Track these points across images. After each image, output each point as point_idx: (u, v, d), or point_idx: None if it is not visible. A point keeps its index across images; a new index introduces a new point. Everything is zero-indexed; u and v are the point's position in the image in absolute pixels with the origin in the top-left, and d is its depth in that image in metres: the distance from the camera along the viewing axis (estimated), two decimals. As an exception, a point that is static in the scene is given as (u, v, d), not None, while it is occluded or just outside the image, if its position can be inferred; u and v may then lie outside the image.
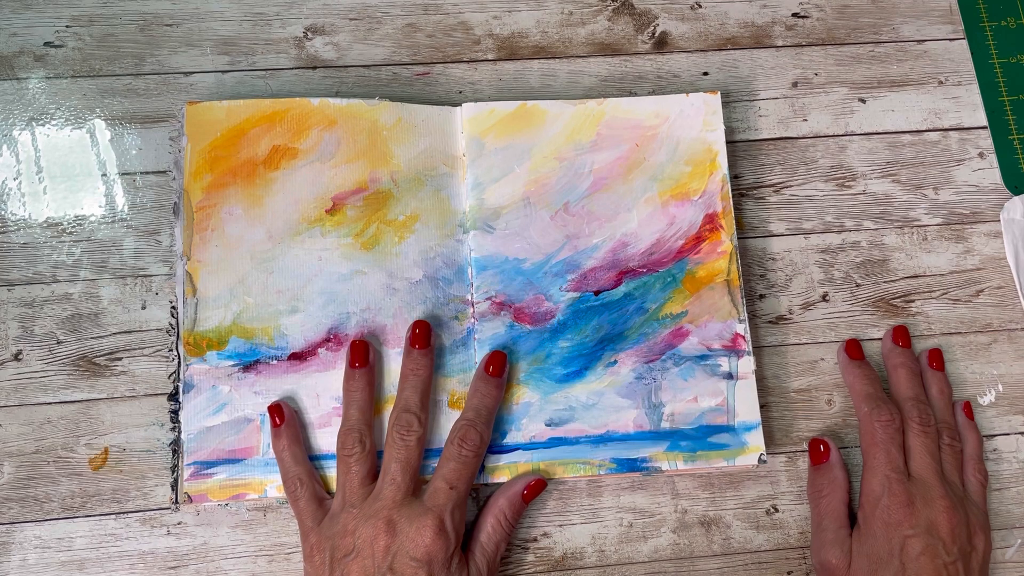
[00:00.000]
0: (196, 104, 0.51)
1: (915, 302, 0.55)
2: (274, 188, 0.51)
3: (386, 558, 0.43)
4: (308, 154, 0.52)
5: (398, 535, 0.44)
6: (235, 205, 0.51)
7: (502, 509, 0.47)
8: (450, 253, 0.51)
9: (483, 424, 0.47)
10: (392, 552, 0.43)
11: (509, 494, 0.47)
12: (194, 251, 0.50)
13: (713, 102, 0.54)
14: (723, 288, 0.51)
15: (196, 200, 0.50)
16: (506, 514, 0.47)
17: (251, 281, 0.50)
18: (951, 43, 0.60)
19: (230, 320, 0.49)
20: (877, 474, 0.48)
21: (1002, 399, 0.53)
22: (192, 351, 0.49)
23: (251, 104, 0.52)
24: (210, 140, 0.51)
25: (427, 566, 0.43)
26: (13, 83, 0.54)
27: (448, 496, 0.45)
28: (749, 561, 0.50)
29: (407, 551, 0.43)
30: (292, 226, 0.51)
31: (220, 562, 0.48)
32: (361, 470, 0.46)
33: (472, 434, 0.46)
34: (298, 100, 0.52)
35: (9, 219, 0.52)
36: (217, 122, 0.51)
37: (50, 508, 0.48)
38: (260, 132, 0.52)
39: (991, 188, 0.57)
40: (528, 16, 0.58)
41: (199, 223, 0.50)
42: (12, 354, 0.50)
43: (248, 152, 0.51)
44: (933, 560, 0.45)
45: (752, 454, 0.49)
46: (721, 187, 0.53)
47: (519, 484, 0.48)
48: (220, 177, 0.51)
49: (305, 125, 0.52)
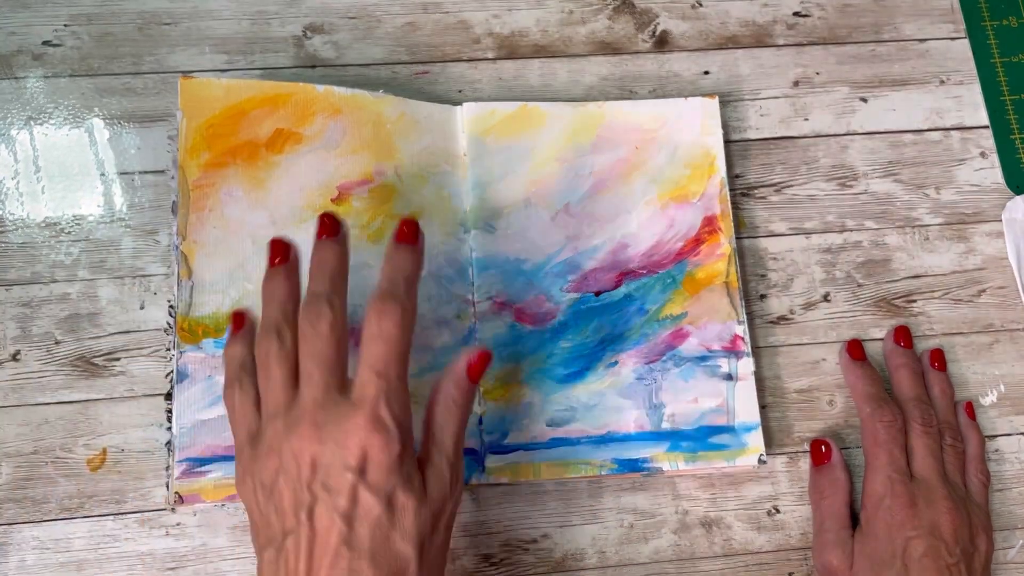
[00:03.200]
0: (191, 78, 0.50)
1: (917, 302, 0.54)
2: (277, 172, 0.50)
3: (315, 473, 0.36)
4: (313, 140, 0.51)
5: (325, 442, 0.36)
6: (235, 186, 0.49)
7: (449, 394, 0.40)
8: (452, 252, 0.51)
9: (402, 293, 0.39)
10: (323, 465, 0.36)
11: (453, 375, 0.40)
12: (190, 231, 0.48)
13: (711, 106, 0.54)
14: (722, 290, 0.51)
15: (192, 178, 0.49)
16: (455, 398, 0.40)
17: (251, 266, 0.48)
18: (953, 42, 0.59)
19: (228, 306, 0.48)
20: (880, 475, 0.48)
21: (1004, 399, 0.53)
22: (187, 338, 0.47)
23: (252, 84, 0.51)
24: (207, 117, 0.50)
25: (364, 473, 0.36)
26: (11, 82, 0.54)
27: (377, 386, 0.37)
28: (750, 562, 0.50)
29: (339, 459, 0.36)
30: (296, 213, 0.50)
31: (219, 563, 0.48)
32: (282, 372, 0.38)
33: (390, 305, 0.38)
34: (302, 85, 0.51)
35: (7, 219, 0.52)
36: (215, 99, 0.50)
37: (48, 509, 0.48)
38: (262, 114, 0.51)
39: (993, 188, 0.57)
40: (528, 15, 0.58)
41: (196, 202, 0.49)
42: (10, 354, 0.50)
43: (249, 133, 0.50)
44: (936, 561, 0.45)
45: (752, 455, 0.49)
46: (719, 190, 0.53)
47: (461, 361, 0.41)
48: (219, 156, 0.50)
49: (309, 111, 0.51)
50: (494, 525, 0.50)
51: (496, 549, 0.49)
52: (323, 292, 0.39)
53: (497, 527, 0.50)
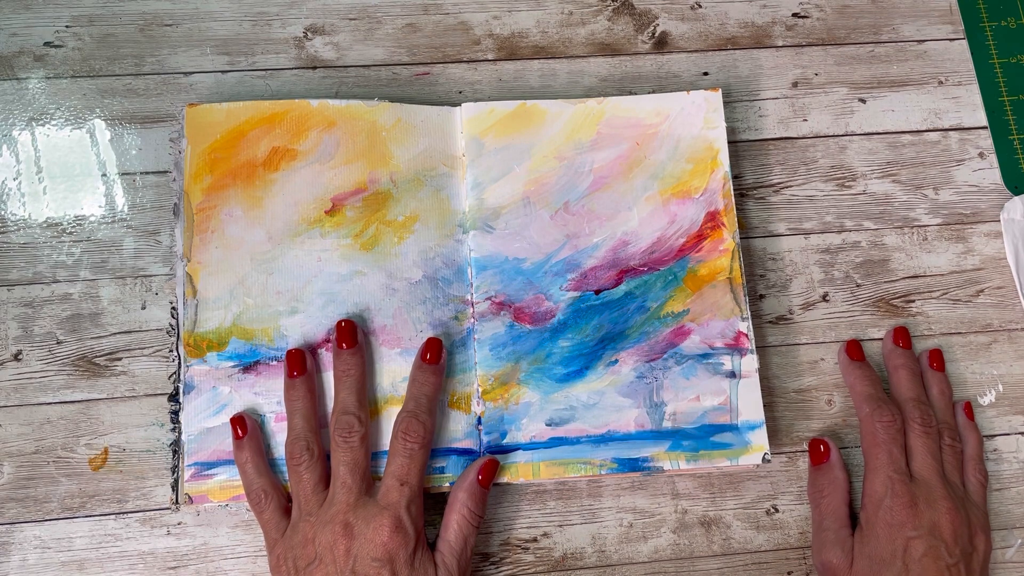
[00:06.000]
0: (196, 106, 0.51)
1: (915, 302, 0.55)
2: (274, 189, 0.51)
3: (348, 561, 0.43)
4: (307, 155, 0.52)
5: (356, 537, 0.44)
6: (235, 206, 0.51)
7: (463, 503, 0.46)
8: (450, 253, 0.51)
9: (425, 413, 0.47)
10: (353, 555, 0.43)
11: (466, 484, 0.47)
12: (194, 252, 0.50)
13: (714, 99, 0.54)
14: (725, 286, 0.51)
15: (196, 202, 0.50)
16: (468, 506, 0.46)
17: (251, 282, 0.50)
18: (951, 43, 0.60)
19: (230, 321, 0.49)
20: (879, 475, 0.48)
21: (1002, 399, 0.53)
22: (192, 352, 0.48)
23: (251, 106, 0.52)
24: (210, 142, 0.51)
25: (389, 564, 0.43)
26: (13, 83, 0.54)
27: (400, 492, 0.45)
28: (749, 561, 0.50)
29: (367, 552, 0.43)
30: (292, 227, 0.51)
31: (220, 562, 0.48)
32: (312, 477, 0.46)
33: (414, 425, 0.46)
34: (297, 102, 0.52)
35: (9, 219, 0.52)
36: (217, 124, 0.51)
37: (50, 508, 0.48)
38: (259, 134, 0.52)
39: (991, 188, 0.57)
40: (528, 16, 0.58)
41: (199, 224, 0.50)
42: (12, 354, 0.50)
43: (248, 154, 0.51)
44: (936, 562, 0.45)
45: (756, 453, 0.49)
46: (723, 185, 0.53)
47: (472, 472, 0.47)
48: (220, 179, 0.51)
49: (304, 126, 0.52)
50: (494, 524, 0.50)
51: (496, 548, 0.50)
52: (352, 408, 0.47)
53: (497, 526, 0.50)
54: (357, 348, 0.48)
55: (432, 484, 0.48)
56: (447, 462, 0.48)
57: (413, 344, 0.49)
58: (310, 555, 0.44)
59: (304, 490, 0.46)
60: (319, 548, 0.44)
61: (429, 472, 0.47)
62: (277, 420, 0.48)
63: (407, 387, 0.48)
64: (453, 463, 0.48)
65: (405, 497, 0.45)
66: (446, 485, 0.48)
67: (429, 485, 0.48)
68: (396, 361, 0.49)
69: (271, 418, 0.48)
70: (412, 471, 0.45)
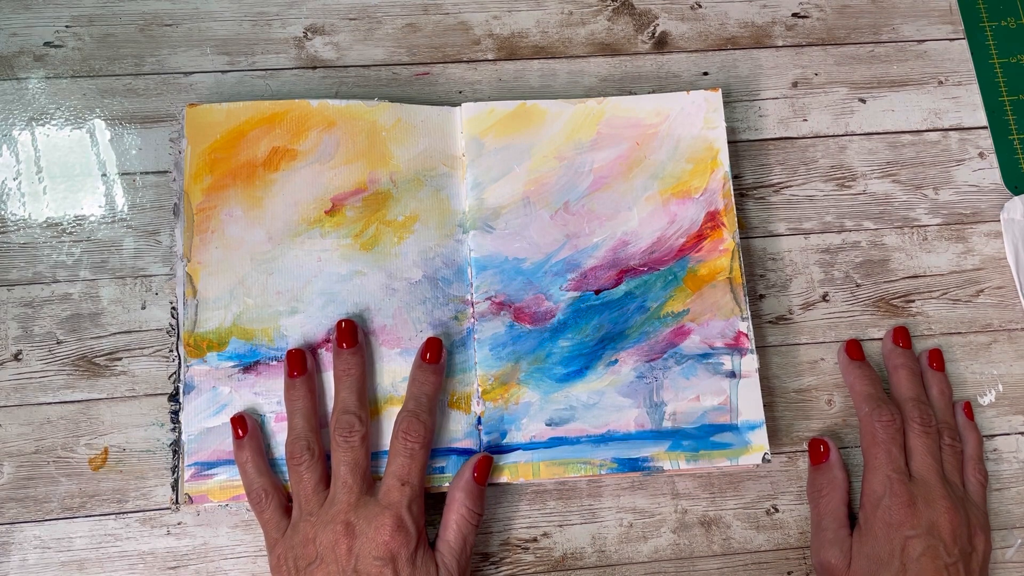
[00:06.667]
0: (196, 106, 0.51)
1: (915, 302, 0.55)
2: (274, 190, 0.51)
3: (350, 560, 0.43)
4: (307, 155, 0.52)
5: (358, 536, 0.44)
6: (235, 207, 0.51)
7: (461, 502, 0.46)
8: (450, 253, 0.51)
9: (425, 413, 0.47)
10: (355, 554, 0.43)
11: (462, 483, 0.47)
12: (194, 253, 0.50)
13: (714, 99, 0.54)
14: (725, 286, 0.51)
15: (196, 202, 0.50)
16: (467, 505, 0.46)
17: (251, 282, 0.50)
18: (951, 43, 0.60)
19: (230, 321, 0.49)
20: (879, 474, 0.48)
21: (1002, 399, 0.53)
22: (192, 352, 0.48)
23: (251, 106, 0.52)
24: (210, 142, 0.51)
25: (391, 563, 0.43)
26: (13, 83, 0.54)
27: (401, 492, 0.45)
28: (749, 561, 0.50)
29: (369, 551, 0.43)
30: (292, 227, 0.51)
31: (220, 562, 0.48)
32: (312, 477, 0.46)
33: (415, 425, 0.46)
34: (297, 102, 0.52)
35: (9, 219, 0.52)
36: (217, 124, 0.51)
37: (50, 508, 0.48)
38: (259, 134, 0.52)
39: (991, 188, 0.57)
40: (528, 16, 0.58)
41: (199, 225, 0.50)
42: (12, 354, 0.50)
43: (248, 154, 0.51)
44: (934, 561, 0.45)
45: (756, 453, 0.49)
46: (723, 185, 0.53)
47: (467, 470, 0.47)
48: (220, 179, 0.51)
49: (304, 127, 0.52)
50: (493, 524, 0.50)
51: (496, 548, 0.50)
52: (352, 408, 0.47)
53: (497, 526, 0.50)
54: (357, 348, 0.48)
55: (432, 484, 0.48)
56: (447, 462, 0.48)
57: (413, 344, 0.49)
58: (311, 555, 0.44)
59: (305, 490, 0.46)
60: (320, 548, 0.44)
61: (429, 472, 0.48)
62: (277, 420, 0.48)
63: (407, 387, 0.48)
64: (453, 463, 0.48)
65: (406, 496, 0.45)
66: (446, 485, 0.48)
67: (429, 485, 0.48)
68: (396, 361, 0.49)
69: (271, 418, 0.48)
70: (413, 470, 0.46)
